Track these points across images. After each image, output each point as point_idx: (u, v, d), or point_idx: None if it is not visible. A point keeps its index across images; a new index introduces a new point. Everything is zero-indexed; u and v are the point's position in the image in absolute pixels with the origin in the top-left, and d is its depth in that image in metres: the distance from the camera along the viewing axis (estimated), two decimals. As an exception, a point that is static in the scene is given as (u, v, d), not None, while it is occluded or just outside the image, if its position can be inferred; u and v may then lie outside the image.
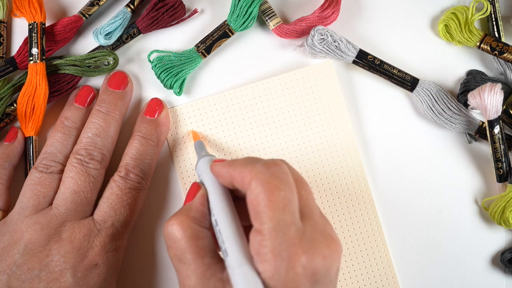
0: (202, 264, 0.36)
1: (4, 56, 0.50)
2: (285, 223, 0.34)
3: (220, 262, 0.37)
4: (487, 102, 0.48)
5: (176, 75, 0.50)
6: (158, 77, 0.50)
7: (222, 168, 0.39)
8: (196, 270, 0.36)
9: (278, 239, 0.34)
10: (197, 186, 0.40)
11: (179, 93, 0.50)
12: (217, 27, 0.50)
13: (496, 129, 0.49)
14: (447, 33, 0.52)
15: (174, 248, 0.37)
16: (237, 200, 0.40)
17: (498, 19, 0.52)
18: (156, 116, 0.49)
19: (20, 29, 0.51)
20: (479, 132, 0.51)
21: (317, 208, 0.38)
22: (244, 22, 0.50)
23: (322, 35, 0.50)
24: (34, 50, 0.48)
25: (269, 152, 0.51)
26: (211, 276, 0.36)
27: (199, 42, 0.50)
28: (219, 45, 0.51)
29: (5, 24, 0.50)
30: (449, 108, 0.51)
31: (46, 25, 0.50)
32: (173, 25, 0.51)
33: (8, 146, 0.48)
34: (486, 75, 0.52)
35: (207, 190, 0.40)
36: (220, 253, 0.37)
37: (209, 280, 0.36)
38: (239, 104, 0.51)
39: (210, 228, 0.38)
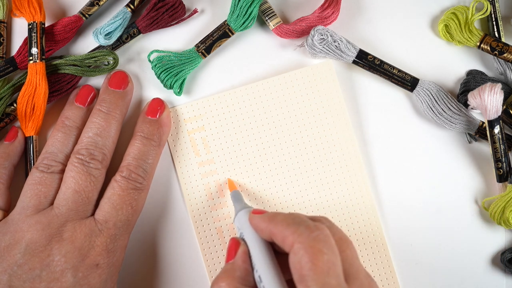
0: None
1: (4, 56, 0.50)
2: (330, 286, 0.34)
3: None
4: (487, 102, 0.48)
5: (176, 75, 0.50)
6: (158, 77, 0.50)
7: (262, 222, 0.39)
8: None
9: None
10: (236, 243, 0.40)
11: (179, 93, 0.50)
12: (217, 27, 0.50)
13: (496, 129, 0.49)
14: (447, 33, 0.52)
15: None
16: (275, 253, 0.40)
17: (498, 19, 0.52)
18: (158, 116, 0.49)
19: (20, 29, 0.51)
20: (479, 132, 0.51)
21: (362, 267, 0.38)
22: (244, 22, 0.50)
23: (322, 35, 0.50)
24: (34, 50, 0.48)
25: (269, 152, 0.51)
26: None
27: (199, 42, 0.50)
28: (219, 45, 0.51)
29: (5, 24, 0.50)
30: (449, 108, 0.51)
31: (46, 25, 0.50)
32: (173, 25, 0.51)
33: (8, 145, 0.48)
34: (486, 75, 0.52)
35: (249, 245, 0.40)
36: None
37: None
38: (239, 104, 0.51)
39: (254, 286, 0.38)
